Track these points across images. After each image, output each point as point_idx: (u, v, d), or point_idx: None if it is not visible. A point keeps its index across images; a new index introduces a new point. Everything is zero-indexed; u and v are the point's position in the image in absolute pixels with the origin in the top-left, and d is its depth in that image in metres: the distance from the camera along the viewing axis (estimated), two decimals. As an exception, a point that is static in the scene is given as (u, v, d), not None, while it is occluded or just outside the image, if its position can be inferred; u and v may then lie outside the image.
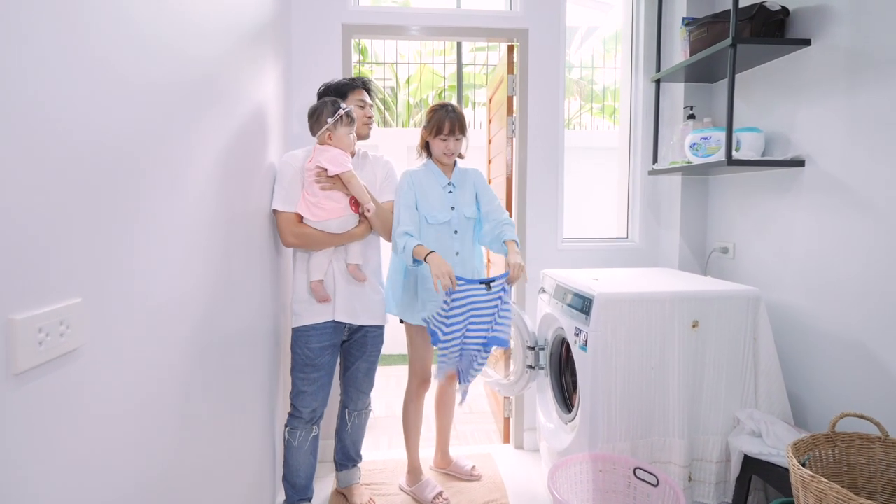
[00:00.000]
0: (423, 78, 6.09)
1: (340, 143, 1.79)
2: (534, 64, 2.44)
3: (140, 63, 0.86)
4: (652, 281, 1.93)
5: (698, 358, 1.75)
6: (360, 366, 2.00)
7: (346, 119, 1.78)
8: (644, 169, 2.54)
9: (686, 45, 2.16)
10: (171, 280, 0.98)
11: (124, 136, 0.81)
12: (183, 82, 1.03)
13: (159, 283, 0.93)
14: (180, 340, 1.03)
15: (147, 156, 0.88)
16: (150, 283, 0.90)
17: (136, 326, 0.85)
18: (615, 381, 1.71)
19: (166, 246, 0.96)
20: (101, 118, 0.76)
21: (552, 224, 2.50)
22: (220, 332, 1.28)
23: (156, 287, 0.91)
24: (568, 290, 1.92)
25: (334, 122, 1.75)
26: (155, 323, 0.91)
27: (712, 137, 1.98)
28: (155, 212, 0.91)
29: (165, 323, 0.95)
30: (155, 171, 0.91)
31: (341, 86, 1.92)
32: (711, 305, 1.74)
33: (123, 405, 0.83)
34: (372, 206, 1.81)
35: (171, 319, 0.98)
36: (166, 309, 0.96)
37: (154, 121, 0.90)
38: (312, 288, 1.83)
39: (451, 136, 1.92)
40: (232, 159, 1.37)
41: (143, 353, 0.88)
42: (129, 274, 0.83)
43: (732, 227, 2.22)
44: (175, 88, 0.99)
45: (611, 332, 1.69)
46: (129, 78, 0.82)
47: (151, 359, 0.90)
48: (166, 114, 0.96)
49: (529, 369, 2.21)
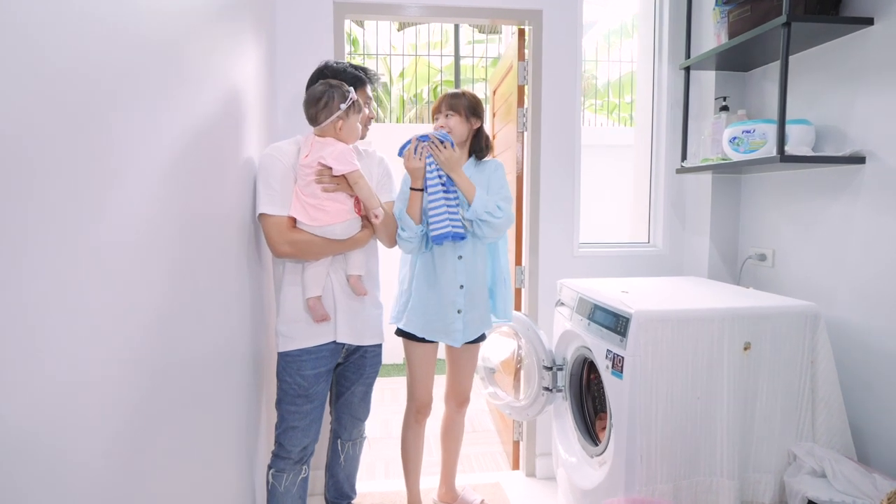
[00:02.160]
0: (417, 71, 5.82)
1: (350, 136, 1.52)
2: (548, 49, 2.19)
3: (62, 40, 0.60)
4: (691, 294, 1.69)
5: (750, 385, 1.51)
6: (357, 390, 1.73)
7: (357, 106, 1.52)
8: (669, 167, 2.30)
9: (722, 28, 1.93)
10: (109, 299, 0.72)
11: (38, 130, 0.55)
12: (124, 63, 0.77)
13: (91, 300, 0.66)
14: (125, 362, 0.76)
15: (69, 153, 0.62)
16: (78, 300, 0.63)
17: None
18: (655, 414, 1.47)
19: (98, 259, 0.69)
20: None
21: (568, 228, 2.26)
22: (183, 356, 1.01)
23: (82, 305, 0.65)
24: (595, 304, 1.67)
25: (346, 109, 1.48)
26: (87, 341, 0.65)
27: (756, 131, 1.74)
28: (73, 220, 0.64)
29: (102, 343, 0.69)
30: (78, 172, 0.64)
31: (346, 79, 1.60)
32: (765, 324, 1.51)
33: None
34: (381, 212, 1.55)
35: (110, 339, 0.72)
36: (102, 328, 0.69)
37: (76, 113, 0.64)
38: (310, 306, 1.55)
39: (439, 112, 1.75)
40: (196, 155, 1.10)
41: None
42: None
43: (771, 231, 1.99)
44: (110, 70, 0.73)
45: (651, 356, 1.45)
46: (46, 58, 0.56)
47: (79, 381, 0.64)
48: (100, 101, 0.69)
49: (546, 392, 1.96)
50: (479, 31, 6.24)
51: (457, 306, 1.70)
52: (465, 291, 1.70)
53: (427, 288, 1.71)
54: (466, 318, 1.71)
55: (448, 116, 1.72)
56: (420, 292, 1.72)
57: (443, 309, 1.70)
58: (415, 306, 1.72)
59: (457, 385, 1.86)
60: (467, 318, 1.71)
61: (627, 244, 2.38)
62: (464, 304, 1.70)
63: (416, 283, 1.72)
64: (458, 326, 1.70)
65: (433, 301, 1.71)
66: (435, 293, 1.70)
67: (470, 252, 1.70)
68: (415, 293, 1.72)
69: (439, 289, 1.70)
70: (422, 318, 1.71)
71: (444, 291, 1.69)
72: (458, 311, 1.70)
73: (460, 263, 1.69)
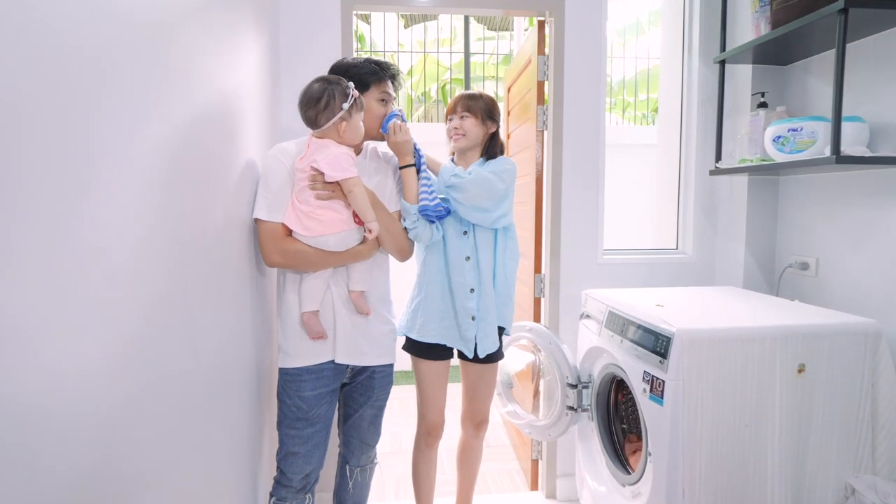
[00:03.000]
0: (426, 68, 5.67)
1: (354, 137, 1.38)
2: (571, 42, 2.04)
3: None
4: (734, 309, 1.54)
5: (804, 411, 1.36)
6: (365, 413, 1.60)
7: (360, 103, 1.38)
8: (699, 169, 2.15)
9: (762, 17, 1.78)
10: (86, 313, 0.58)
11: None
12: (103, 51, 0.63)
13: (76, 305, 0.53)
14: (102, 383, 0.63)
15: (39, 154, 0.48)
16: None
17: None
18: (699, 443, 1.32)
19: (76, 269, 0.56)
20: None
21: (591, 233, 2.11)
22: (172, 372, 0.88)
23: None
24: (629, 320, 1.52)
25: (349, 109, 1.34)
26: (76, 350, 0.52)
27: (804, 129, 1.59)
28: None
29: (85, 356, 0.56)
30: (49, 176, 0.51)
31: (362, 73, 1.46)
32: (820, 343, 1.36)
33: None
34: (375, 227, 1.38)
35: (88, 355, 0.59)
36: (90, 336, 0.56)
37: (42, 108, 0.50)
38: (303, 321, 1.42)
39: (454, 113, 1.64)
40: (188, 157, 0.97)
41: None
42: None
43: (814, 237, 1.84)
44: (89, 59, 0.59)
45: (696, 380, 1.30)
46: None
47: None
48: (75, 91, 0.56)
49: (570, 411, 1.82)
50: (489, 28, 6.10)
51: (470, 312, 1.58)
52: (477, 295, 1.58)
53: (439, 293, 1.61)
54: (481, 325, 1.59)
55: (463, 118, 1.61)
56: (432, 299, 1.61)
57: (457, 315, 1.60)
58: (428, 312, 1.61)
59: (474, 406, 1.72)
60: (482, 324, 1.59)
61: (654, 251, 2.23)
62: (477, 310, 1.58)
63: (427, 290, 1.61)
64: (471, 334, 1.58)
65: (447, 306, 1.60)
66: (448, 298, 1.60)
67: (471, 249, 1.59)
68: (426, 300, 1.61)
69: (451, 293, 1.60)
70: (437, 324, 1.60)
71: (456, 295, 1.59)
72: (472, 317, 1.58)
73: (468, 265, 1.58)
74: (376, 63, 1.49)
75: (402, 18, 5.96)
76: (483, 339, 1.59)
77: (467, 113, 1.60)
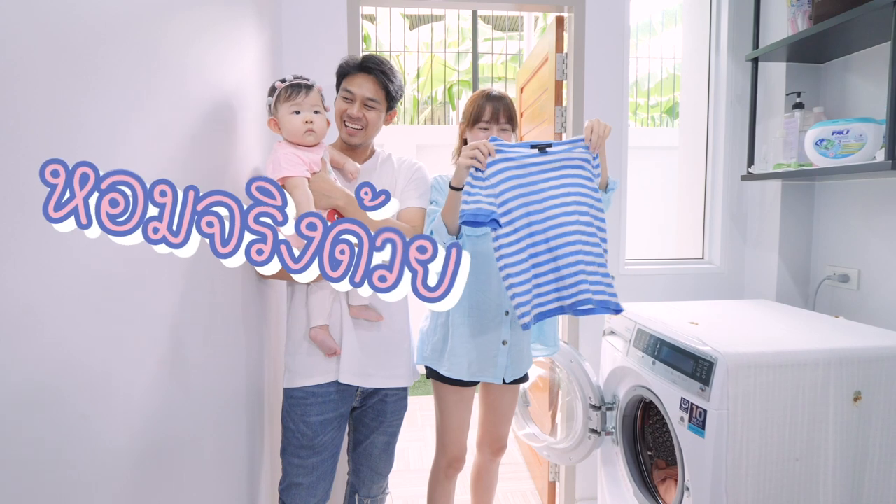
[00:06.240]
0: (433, 70, 5.55)
1: (291, 133, 1.21)
2: (591, 39, 1.92)
3: None
4: (777, 328, 1.41)
5: (860, 444, 1.23)
6: (377, 440, 1.47)
7: (288, 92, 1.20)
8: (729, 173, 2.02)
9: (799, 12, 1.65)
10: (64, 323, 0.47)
11: None
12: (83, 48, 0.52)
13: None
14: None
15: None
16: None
17: None
18: (745, 479, 1.19)
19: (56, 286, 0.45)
20: None
21: (613, 242, 1.98)
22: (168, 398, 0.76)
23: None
24: (662, 340, 1.40)
25: (273, 104, 1.21)
26: None
27: (850, 132, 1.47)
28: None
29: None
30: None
31: (339, 68, 1.36)
32: (878, 368, 1.23)
33: None
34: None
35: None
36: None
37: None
38: (312, 336, 1.30)
39: (494, 123, 1.39)
40: (186, 157, 0.86)
41: None
42: None
43: (855, 248, 1.71)
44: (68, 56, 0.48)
45: (741, 410, 1.18)
46: None
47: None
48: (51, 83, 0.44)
49: (593, 434, 1.69)
50: (497, 28, 5.98)
51: (501, 337, 1.43)
52: (511, 318, 1.43)
53: (468, 318, 1.42)
54: (512, 352, 1.45)
55: (503, 131, 1.39)
56: (460, 326, 1.42)
57: (486, 342, 1.43)
58: (456, 344, 1.43)
59: (493, 431, 1.59)
60: (513, 350, 1.45)
61: (679, 261, 2.10)
62: (510, 335, 1.44)
63: (454, 314, 1.43)
64: (501, 361, 1.44)
65: (476, 333, 1.42)
66: (478, 323, 1.42)
67: None
68: (454, 328, 1.43)
69: (482, 316, 1.42)
70: (465, 358, 1.42)
71: (487, 318, 1.42)
72: (504, 342, 1.43)
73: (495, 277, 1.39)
74: (351, 56, 1.38)
75: (408, 19, 5.85)
76: (511, 365, 1.45)
77: (509, 125, 1.40)
